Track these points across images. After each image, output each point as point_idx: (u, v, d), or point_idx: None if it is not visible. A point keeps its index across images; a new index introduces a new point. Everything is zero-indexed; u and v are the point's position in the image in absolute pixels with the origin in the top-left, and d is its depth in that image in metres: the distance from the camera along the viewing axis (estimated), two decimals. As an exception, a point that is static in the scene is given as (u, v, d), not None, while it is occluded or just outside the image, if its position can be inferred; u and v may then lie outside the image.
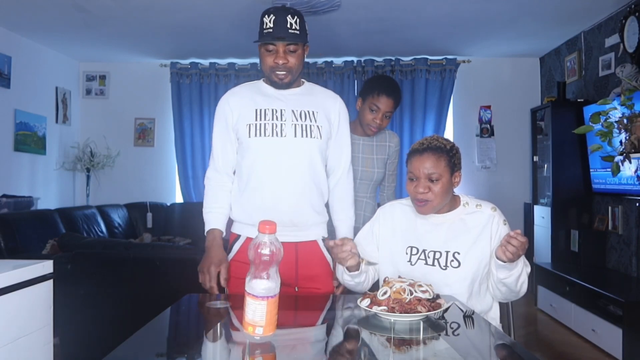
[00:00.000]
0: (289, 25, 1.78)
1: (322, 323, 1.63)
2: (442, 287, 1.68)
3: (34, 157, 5.12)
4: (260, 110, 1.84)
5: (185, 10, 4.20)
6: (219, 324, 1.51)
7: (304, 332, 1.51)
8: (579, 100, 4.59)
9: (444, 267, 1.72)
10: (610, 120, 3.29)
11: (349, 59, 5.69)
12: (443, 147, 1.72)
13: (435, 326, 1.41)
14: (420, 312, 1.41)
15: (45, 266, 2.03)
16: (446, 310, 1.45)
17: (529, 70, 5.72)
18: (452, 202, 1.80)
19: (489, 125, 5.71)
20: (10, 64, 4.73)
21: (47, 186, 5.33)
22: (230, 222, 1.94)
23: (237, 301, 1.81)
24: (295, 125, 1.83)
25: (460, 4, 4.07)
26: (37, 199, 4.83)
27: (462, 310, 1.53)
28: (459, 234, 1.74)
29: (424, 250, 1.75)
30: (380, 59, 5.65)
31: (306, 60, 1.92)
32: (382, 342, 1.36)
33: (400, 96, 2.36)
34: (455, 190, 1.82)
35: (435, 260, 1.72)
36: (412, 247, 1.77)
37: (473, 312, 1.50)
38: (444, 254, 1.72)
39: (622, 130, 3.24)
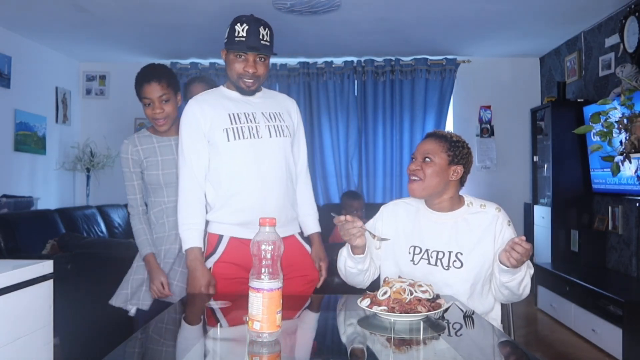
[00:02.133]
0: (261, 37, 1.86)
1: (323, 323, 1.63)
2: (444, 287, 1.69)
3: (34, 157, 5.12)
4: (233, 114, 1.88)
5: (185, 10, 4.20)
6: (219, 324, 1.51)
7: (303, 332, 1.51)
8: (579, 100, 4.59)
9: (446, 267, 1.72)
10: (610, 120, 3.28)
11: (349, 59, 5.69)
12: (448, 136, 1.79)
13: (435, 326, 1.41)
14: (420, 312, 1.41)
15: (45, 266, 2.03)
16: (446, 310, 1.45)
17: (529, 70, 5.72)
18: (456, 202, 1.80)
19: (489, 125, 5.71)
20: (10, 64, 4.73)
21: (47, 186, 5.33)
22: (206, 223, 1.93)
23: (238, 301, 1.81)
24: (268, 126, 1.91)
25: (460, 4, 4.07)
26: (37, 199, 4.83)
27: (462, 310, 1.53)
28: (462, 234, 1.74)
29: (427, 250, 1.75)
30: (380, 59, 5.65)
31: (306, 60, 1.95)
32: (382, 342, 1.36)
33: (167, 74, 2.13)
34: (460, 192, 1.82)
35: (438, 260, 1.73)
36: (415, 247, 1.77)
37: (473, 312, 1.50)
38: (446, 254, 1.72)
39: (622, 130, 3.24)
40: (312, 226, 2.06)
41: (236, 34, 1.85)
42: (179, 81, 5.38)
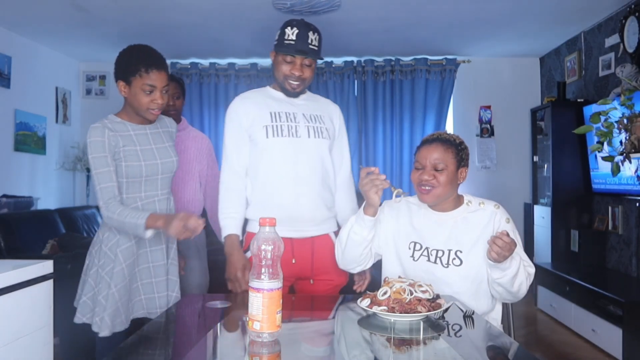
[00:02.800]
0: (309, 41, 1.90)
1: (323, 323, 1.62)
2: (443, 285, 1.69)
3: (34, 157, 5.12)
4: (275, 112, 1.95)
5: (185, 10, 4.20)
6: (219, 324, 1.51)
7: (303, 332, 1.51)
8: (579, 100, 4.59)
9: (445, 265, 1.72)
10: (610, 120, 3.28)
11: (349, 59, 5.69)
12: (452, 140, 1.77)
13: (435, 326, 1.41)
14: (420, 312, 1.41)
15: (45, 266, 2.03)
16: (446, 310, 1.45)
17: (529, 70, 5.72)
18: (456, 201, 1.81)
19: (489, 125, 5.71)
20: (10, 64, 4.73)
21: (47, 186, 5.33)
22: (245, 221, 2.00)
23: (238, 301, 1.81)
24: (307, 126, 1.96)
25: (460, 4, 4.07)
26: (37, 199, 4.83)
27: (462, 310, 1.53)
28: (462, 232, 1.75)
29: (427, 248, 1.75)
30: (380, 59, 5.65)
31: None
32: (382, 342, 1.36)
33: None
34: (459, 190, 1.83)
35: (438, 259, 1.73)
36: (415, 243, 1.77)
37: (473, 312, 1.50)
38: (446, 252, 1.73)
39: (622, 130, 3.24)
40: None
41: (286, 37, 1.90)
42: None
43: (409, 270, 1.76)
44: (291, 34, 1.89)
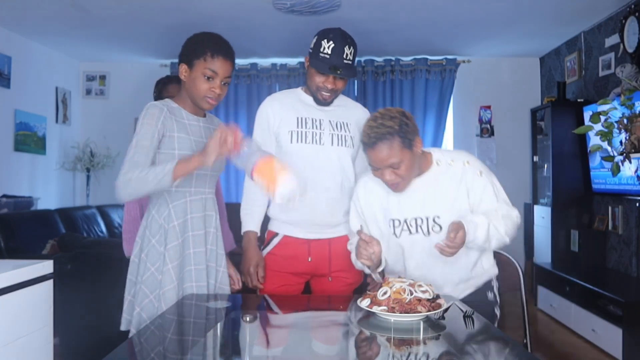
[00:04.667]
0: (344, 56, 1.88)
1: (323, 323, 1.62)
2: (430, 254, 1.70)
3: (34, 157, 5.12)
4: (301, 118, 1.97)
5: (185, 10, 4.20)
6: (219, 324, 1.51)
7: (301, 332, 1.51)
8: (579, 100, 4.58)
9: (426, 234, 1.73)
10: (610, 120, 3.28)
11: (349, 59, 5.68)
12: (391, 129, 1.64)
13: (435, 326, 1.41)
14: (420, 312, 1.41)
15: (45, 266, 2.03)
16: (446, 310, 1.45)
17: (529, 70, 5.72)
18: (424, 163, 1.78)
19: (489, 125, 5.71)
20: (10, 64, 4.73)
21: (47, 186, 5.33)
22: (267, 219, 2.06)
23: (237, 302, 1.81)
24: (332, 134, 1.97)
25: (460, 4, 4.06)
26: (37, 199, 4.82)
27: (462, 310, 1.52)
28: (436, 196, 1.74)
29: (405, 220, 1.76)
30: (380, 59, 5.65)
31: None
32: (382, 342, 1.36)
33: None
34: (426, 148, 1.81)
35: (418, 227, 1.74)
36: (393, 220, 1.78)
37: (473, 312, 1.50)
38: (424, 220, 1.74)
39: (622, 130, 3.24)
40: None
41: (321, 50, 1.89)
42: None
43: (394, 247, 1.78)
44: (327, 47, 1.88)
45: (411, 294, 1.45)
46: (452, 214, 1.71)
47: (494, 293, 1.88)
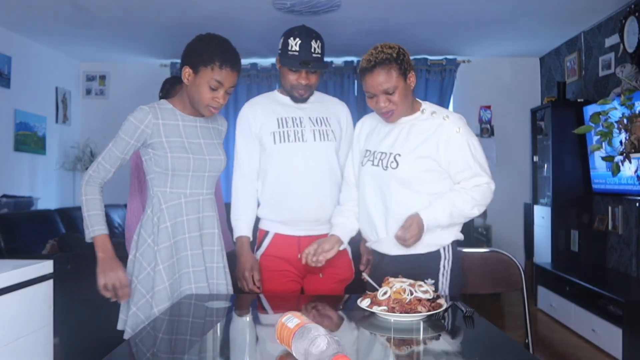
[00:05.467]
0: (312, 50, 1.93)
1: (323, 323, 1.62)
2: (384, 186, 1.77)
3: (34, 157, 5.12)
4: (281, 118, 2.00)
5: (185, 10, 4.20)
6: (219, 324, 1.51)
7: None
8: (579, 100, 4.58)
9: (385, 168, 1.77)
10: (610, 120, 3.28)
11: (349, 59, 5.69)
12: (390, 56, 1.73)
13: (435, 326, 1.41)
14: (420, 312, 1.41)
15: (45, 266, 2.03)
16: (446, 310, 1.45)
17: (529, 70, 5.72)
18: (412, 107, 1.83)
19: (489, 125, 5.71)
20: (10, 64, 4.73)
21: (47, 186, 5.33)
22: (257, 220, 2.09)
23: (238, 301, 1.81)
24: (313, 130, 2.00)
25: (461, 4, 4.06)
26: (37, 199, 4.82)
27: (462, 311, 1.52)
28: (406, 137, 1.78)
29: (374, 152, 1.81)
30: (380, 59, 5.64)
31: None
32: (382, 342, 1.36)
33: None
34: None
35: (380, 161, 1.79)
36: (367, 150, 1.85)
37: (473, 312, 1.50)
38: (387, 155, 1.78)
39: (622, 130, 3.24)
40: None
41: (289, 48, 1.93)
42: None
43: (360, 178, 1.86)
44: (294, 44, 1.92)
45: (411, 294, 1.45)
46: (413, 157, 1.74)
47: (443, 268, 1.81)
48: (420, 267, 1.72)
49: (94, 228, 1.75)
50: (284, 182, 1.99)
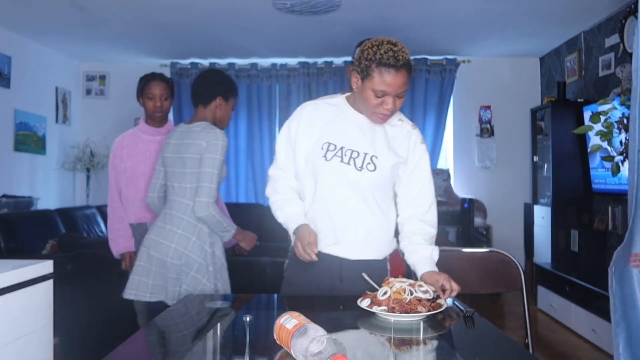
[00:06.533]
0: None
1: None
2: (352, 185, 1.70)
3: (34, 157, 5.12)
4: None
5: (185, 10, 4.20)
6: (219, 324, 1.51)
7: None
8: (579, 100, 4.59)
9: (359, 168, 1.71)
10: (610, 120, 3.29)
11: (349, 59, 5.68)
12: (410, 60, 1.64)
13: (435, 326, 1.41)
14: (420, 312, 1.41)
15: (45, 266, 2.03)
16: (445, 310, 1.45)
17: (529, 70, 5.72)
18: None
19: (489, 125, 5.71)
20: (10, 64, 4.73)
21: (47, 186, 5.33)
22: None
23: (238, 301, 1.81)
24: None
25: (460, 4, 4.07)
26: (37, 199, 4.83)
27: (462, 311, 1.52)
28: (380, 140, 1.74)
29: (341, 148, 1.72)
30: (380, 59, 5.64)
31: (306, 60, 1.95)
32: (382, 342, 1.36)
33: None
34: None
35: (352, 160, 1.71)
36: (329, 143, 1.73)
37: (473, 312, 1.50)
38: (361, 155, 1.71)
39: (622, 130, 3.24)
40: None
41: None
42: (178, 81, 5.50)
43: (318, 171, 1.72)
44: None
45: (411, 294, 1.45)
46: (388, 161, 1.72)
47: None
48: (373, 272, 1.68)
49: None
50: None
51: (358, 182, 1.70)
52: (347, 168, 1.70)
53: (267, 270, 4.12)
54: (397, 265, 1.87)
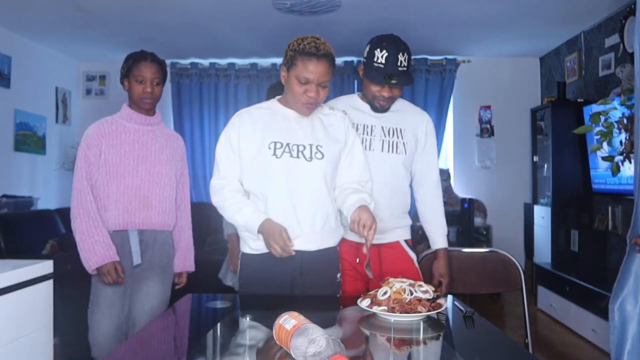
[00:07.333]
0: (399, 63, 1.88)
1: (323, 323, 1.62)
2: (305, 178, 1.75)
3: (34, 157, 5.12)
4: (353, 124, 1.95)
5: (185, 10, 4.20)
6: (219, 324, 1.51)
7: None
8: (579, 100, 4.59)
9: (309, 159, 1.77)
10: (610, 120, 3.29)
11: (349, 59, 5.69)
12: (332, 53, 1.78)
13: (435, 326, 1.41)
14: (420, 312, 1.41)
15: (45, 266, 2.03)
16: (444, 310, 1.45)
17: (529, 70, 5.72)
18: None
19: (489, 125, 5.71)
20: (10, 64, 4.73)
21: (47, 186, 5.33)
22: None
23: (237, 301, 1.81)
24: (383, 140, 1.98)
25: (461, 4, 4.07)
26: (37, 199, 4.83)
27: (462, 311, 1.52)
28: (319, 130, 1.82)
29: (287, 144, 1.77)
30: (380, 59, 5.64)
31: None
32: (382, 342, 1.36)
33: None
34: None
35: (300, 153, 1.77)
36: (275, 142, 1.77)
37: (473, 312, 1.50)
38: (307, 147, 1.78)
39: (622, 130, 3.24)
40: (439, 241, 2.06)
41: (375, 60, 1.89)
42: (178, 81, 5.48)
43: (272, 170, 1.75)
44: (380, 56, 1.88)
45: (411, 294, 1.45)
46: (333, 148, 1.81)
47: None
48: (330, 260, 1.82)
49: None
50: None
51: (311, 172, 1.77)
52: (298, 162, 1.77)
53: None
54: (346, 252, 1.97)
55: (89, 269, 2.09)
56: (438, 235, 2.06)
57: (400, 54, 1.88)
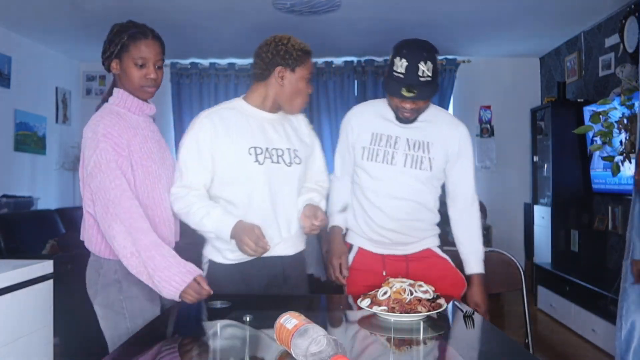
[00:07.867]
0: (420, 73, 1.69)
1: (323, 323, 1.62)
2: (284, 183, 1.75)
3: (34, 157, 5.12)
4: (376, 134, 1.86)
5: (184, 10, 4.20)
6: (218, 324, 1.51)
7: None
8: (579, 100, 4.58)
9: (288, 164, 1.76)
10: (610, 120, 3.29)
11: (349, 59, 5.69)
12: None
13: (435, 326, 1.41)
14: (420, 312, 1.41)
15: (45, 266, 2.03)
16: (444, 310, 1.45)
17: (529, 70, 5.72)
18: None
19: (489, 125, 5.71)
20: (10, 64, 4.73)
21: (47, 186, 5.33)
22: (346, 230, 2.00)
23: (238, 301, 1.82)
24: (406, 155, 1.83)
25: (461, 4, 4.07)
26: (37, 199, 4.83)
27: (462, 311, 1.52)
28: (291, 133, 1.82)
29: (266, 149, 1.73)
30: (380, 59, 5.65)
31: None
32: (382, 342, 1.36)
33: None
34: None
35: (280, 158, 1.75)
36: (255, 147, 1.71)
37: (473, 312, 1.50)
38: (286, 151, 1.77)
39: (622, 130, 3.24)
40: (473, 266, 1.88)
41: (394, 68, 1.72)
42: (178, 81, 5.39)
43: (254, 177, 1.69)
44: (400, 65, 1.70)
45: (411, 294, 1.45)
46: (304, 152, 1.82)
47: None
48: (304, 262, 1.86)
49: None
50: (368, 200, 1.88)
51: (290, 177, 1.77)
52: (279, 167, 1.75)
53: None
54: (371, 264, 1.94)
55: (175, 295, 1.51)
56: (472, 259, 1.88)
57: (422, 62, 1.68)
